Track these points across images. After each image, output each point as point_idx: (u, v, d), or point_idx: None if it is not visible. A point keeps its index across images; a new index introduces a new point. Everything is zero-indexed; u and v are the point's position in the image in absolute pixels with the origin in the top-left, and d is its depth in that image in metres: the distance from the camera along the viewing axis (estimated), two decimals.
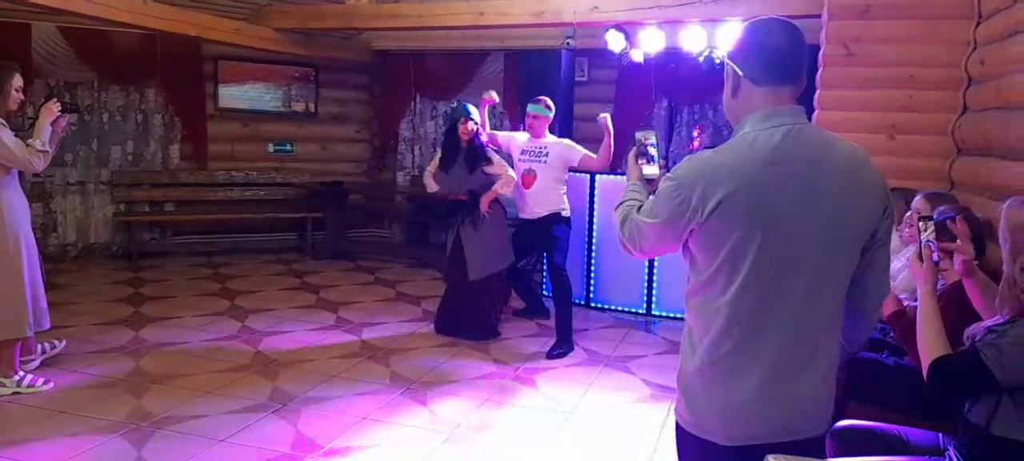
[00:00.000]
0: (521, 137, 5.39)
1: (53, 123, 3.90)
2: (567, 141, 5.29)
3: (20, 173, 3.99)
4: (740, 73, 1.60)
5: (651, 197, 1.70)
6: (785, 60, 1.57)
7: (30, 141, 3.82)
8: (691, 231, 1.57)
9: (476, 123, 5.15)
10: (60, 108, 3.92)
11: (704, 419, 1.65)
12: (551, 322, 5.45)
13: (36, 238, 4.15)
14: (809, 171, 1.52)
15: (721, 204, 1.50)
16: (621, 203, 1.81)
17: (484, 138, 5.26)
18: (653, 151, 1.92)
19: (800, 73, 1.59)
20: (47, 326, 4.23)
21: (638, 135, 1.96)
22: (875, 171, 1.60)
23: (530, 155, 5.22)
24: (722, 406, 1.60)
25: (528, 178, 5.18)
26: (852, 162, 1.58)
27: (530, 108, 5.22)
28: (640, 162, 1.95)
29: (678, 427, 1.74)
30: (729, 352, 1.58)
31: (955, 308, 2.43)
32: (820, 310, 1.58)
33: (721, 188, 1.50)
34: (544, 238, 5.20)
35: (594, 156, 5.06)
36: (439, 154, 5.33)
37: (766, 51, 1.57)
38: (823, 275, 1.56)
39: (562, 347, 5.02)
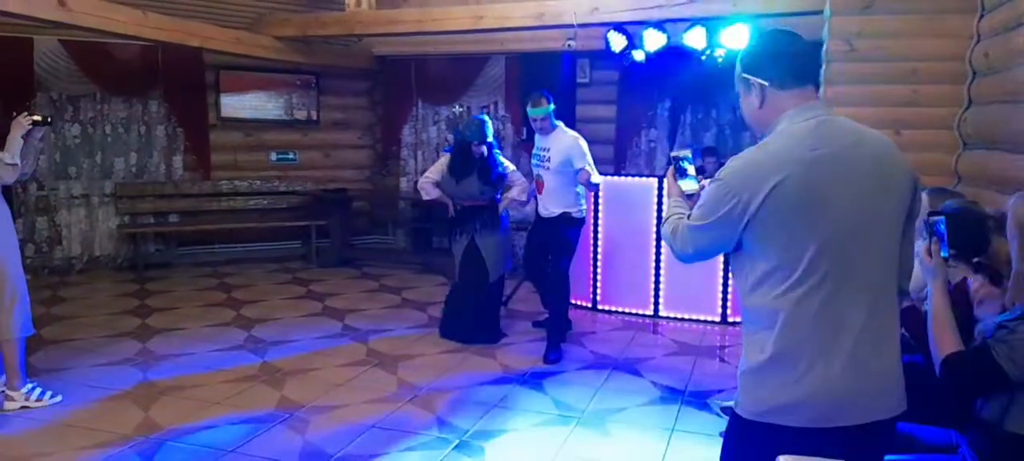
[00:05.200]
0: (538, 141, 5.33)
1: (25, 136, 3.92)
2: (572, 139, 5.05)
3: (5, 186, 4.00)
4: (764, 83, 1.68)
5: (699, 204, 1.75)
6: (805, 62, 1.68)
7: (0, 155, 3.83)
8: (747, 225, 1.61)
9: (489, 144, 5.14)
10: (32, 122, 3.94)
11: (781, 405, 1.63)
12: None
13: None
14: (849, 154, 1.60)
15: (772, 193, 1.56)
16: (667, 219, 1.89)
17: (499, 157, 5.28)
18: (688, 167, 1.96)
19: (816, 71, 1.72)
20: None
21: (673, 154, 2.01)
22: (900, 153, 1.70)
23: (538, 160, 5.20)
24: (804, 389, 1.60)
25: (539, 183, 5.18)
26: (882, 144, 1.68)
27: (528, 111, 5.17)
28: (678, 180, 1.98)
29: (739, 421, 1.72)
30: (803, 339, 1.60)
31: (968, 304, 2.42)
32: (885, 285, 1.65)
33: (770, 179, 1.56)
34: (553, 238, 5.18)
35: (586, 173, 4.95)
36: (445, 163, 5.30)
37: (788, 56, 1.68)
38: (881, 251, 1.63)
39: (557, 351, 4.99)
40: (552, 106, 5.10)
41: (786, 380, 1.62)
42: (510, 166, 5.31)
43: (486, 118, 5.25)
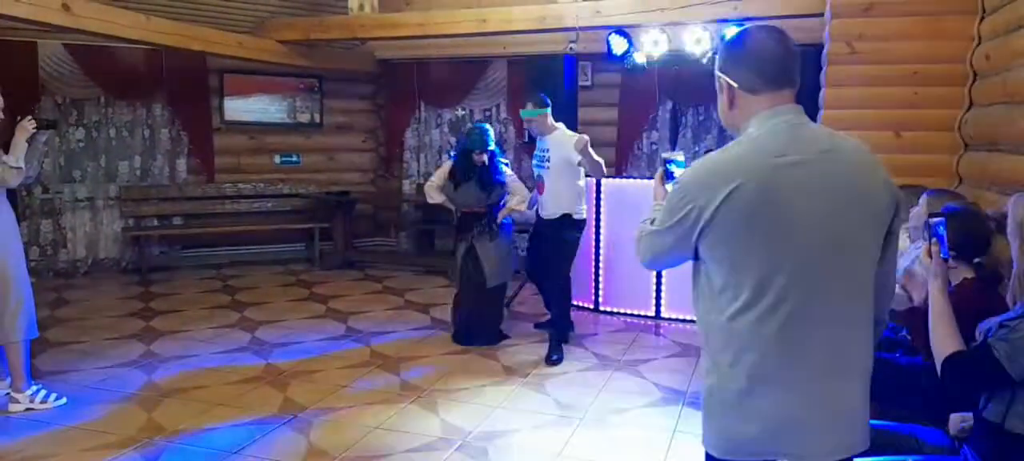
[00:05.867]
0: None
1: (29, 140, 3.95)
2: (569, 138, 4.97)
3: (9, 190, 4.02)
4: (734, 85, 1.57)
5: (661, 209, 1.64)
6: (779, 66, 1.53)
7: (4, 158, 3.86)
8: (700, 234, 1.49)
9: (491, 151, 5.15)
10: (35, 126, 3.98)
11: (733, 439, 1.52)
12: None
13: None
14: (819, 164, 1.47)
15: (726, 200, 1.43)
16: (641, 222, 1.76)
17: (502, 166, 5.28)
18: (677, 171, 1.84)
19: (795, 74, 1.55)
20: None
21: (664, 155, 1.94)
22: (881, 165, 1.56)
23: (538, 161, 5.20)
24: (757, 423, 1.48)
25: (540, 185, 5.16)
26: (860, 155, 1.54)
27: (521, 114, 5.18)
28: (666, 183, 1.88)
29: (708, 458, 1.61)
30: (757, 367, 1.47)
31: (969, 304, 2.42)
32: (854, 312, 1.50)
33: (727, 184, 1.44)
34: (554, 239, 5.17)
35: (590, 164, 4.93)
36: (447, 169, 5.32)
37: (760, 60, 1.53)
38: (851, 273, 1.49)
39: (559, 352, 4.99)
40: (545, 108, 5.02)
41: (739, 412, 1.49)
42: (510, 173, 5.33)
43: (487, 126, 5.27)
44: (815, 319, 1.46)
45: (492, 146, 5.18)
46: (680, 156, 1.90)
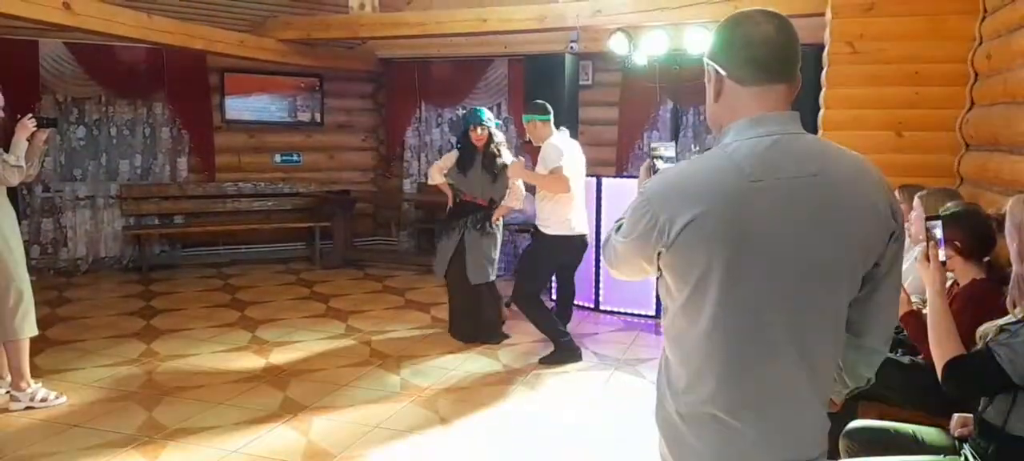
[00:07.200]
0: None
1: (30, 138, 3.95)
2: (549, 145, 4.83)
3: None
4: (723, 73, 1.37)
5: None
6: (774, 54, 1.33)
7: (4, 156, 3.86)
8: (660, 254, 1.35)
9: (488, 129, 5.11)
10: (36, 124, 3.98)
11: None
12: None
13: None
14: (800, 187, 1.29)
15: (689, 225, 1.28)
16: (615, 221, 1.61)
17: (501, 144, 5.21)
18: (663, 166, 1.71)
19: (794, 69, 1.35)
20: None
21: (653, 144, 1.85)
22: (881, 189, 1.36)
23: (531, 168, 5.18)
24: (716, 453, 1.37)
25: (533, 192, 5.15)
26: (854, 179, 1.34)
27: (524, 118, 5.14)
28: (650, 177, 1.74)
29: None
30: (714, 392, 1.34)
31: (970, 307, 2.42)
32: (815, 346, 1.34)
33: (692, 208, 1.29)
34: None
35: (535, 178, 4.87)
36: (453, 157, 5.30)
37: (752, 45, 1.34)
38: (817, 307, 1.33)
39: (556, 356, 4.95)
40: (535, 115, 4.89)
41: (700, 440, 1.38)
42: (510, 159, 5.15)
43: (483, 109, 5.26)
44: (762, 347, 1.32)
45: (486, 121, 5.13)
46: (668, 150, 1.75)
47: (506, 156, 5.20)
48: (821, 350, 1.36)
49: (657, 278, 1.44)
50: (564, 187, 4.71)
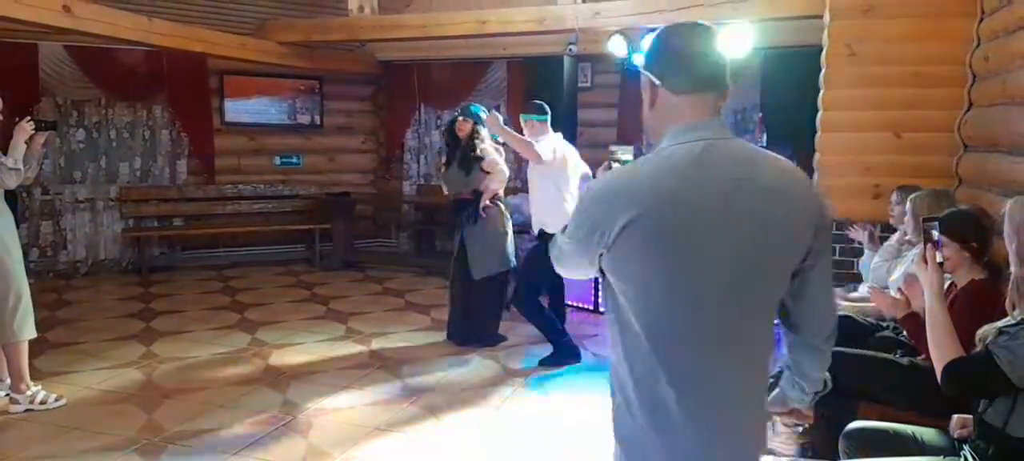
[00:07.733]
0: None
1: (28, 141, 3.96)
2: (543, 137, 4.84)
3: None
4: (657, 82, 1.44)
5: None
6: (705, 65, 1.42)
7: (2, 159, 3.86)
8: (601, 255, 1.41)
9: (471, 122, 5.04)
10: (34, 127, 3.98)
11: None
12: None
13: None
14: (731, 190, 1.35)
15: (628, 227, 1.34)
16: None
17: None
18: None
19: (723, 79, 1.43)
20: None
21: (611, 147, 1.88)
22: (808, 188, 1.45)
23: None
24: (662, 453, 1.41)
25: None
26: (780, 180, 1.41)
27: (521, 117, 5.13)
28: None
29: None
30: (654, 390, 1.39)
31: (970, 309, 2.42)
32: (752, 345, 1.42)
33: (630, 210, 1.34)
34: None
35: (508, 135, 4.76)
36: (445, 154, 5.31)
37: (684, 56, 1.42)
38: (751, 303, 1.40)
39: (555, 357, 4.96)
40: (536, 115, 4.88)
41: (649, 442, 1.42)
42: (491, 152, 5.09)
43: (479, 106, 5.23)
44: (717, 358, 1.38)
45: (476, 111, 5.08)
46: (625, 154, 1.80)
47: (488, 145, 5.08)
48: (758, 348, 1.44)
49: (599, 279, 1.48)
50: (533, 155, 4.69)
